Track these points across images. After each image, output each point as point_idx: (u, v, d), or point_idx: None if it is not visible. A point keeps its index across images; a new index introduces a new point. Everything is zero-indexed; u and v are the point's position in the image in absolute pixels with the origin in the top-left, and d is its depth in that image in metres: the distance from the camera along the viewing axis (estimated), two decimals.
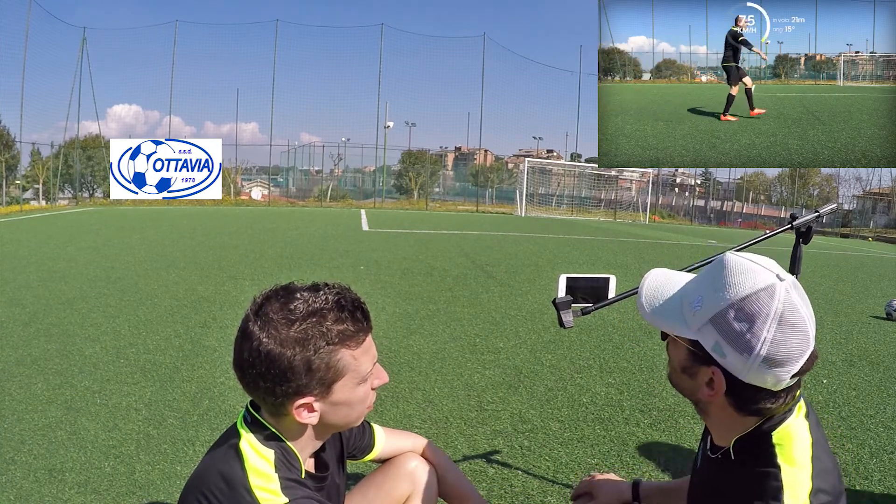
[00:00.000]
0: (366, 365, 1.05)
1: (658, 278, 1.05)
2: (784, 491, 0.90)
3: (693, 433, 2.75)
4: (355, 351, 1.03)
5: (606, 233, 17.05)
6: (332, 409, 1.05)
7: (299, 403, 1.01)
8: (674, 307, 0.99)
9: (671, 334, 0.99)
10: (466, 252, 9.64)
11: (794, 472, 0.92)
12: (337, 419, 1.07)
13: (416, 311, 5.11)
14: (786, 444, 0.95)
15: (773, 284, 0.89)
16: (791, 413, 0.98)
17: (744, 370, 0.90)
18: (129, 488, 2.13)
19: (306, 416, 1.03)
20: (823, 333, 4.72)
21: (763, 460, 0.95)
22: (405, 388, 3.24)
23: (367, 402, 1.09)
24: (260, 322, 0.99)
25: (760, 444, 0.96)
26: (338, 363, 1.01)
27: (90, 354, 3.64)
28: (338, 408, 1.05)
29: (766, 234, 1.76)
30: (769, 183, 41.32)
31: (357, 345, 1.03)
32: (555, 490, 2.22)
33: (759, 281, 0.89)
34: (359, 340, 1.04)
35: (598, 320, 4.86)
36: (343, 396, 1.04)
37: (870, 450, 2.66)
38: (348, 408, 1.06)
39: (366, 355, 1.05)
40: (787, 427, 0.96)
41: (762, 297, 0.88)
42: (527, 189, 28.99)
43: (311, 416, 1.04)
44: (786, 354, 0.88)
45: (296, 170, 38.88)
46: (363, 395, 1.07)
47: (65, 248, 8.81)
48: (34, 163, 26.64)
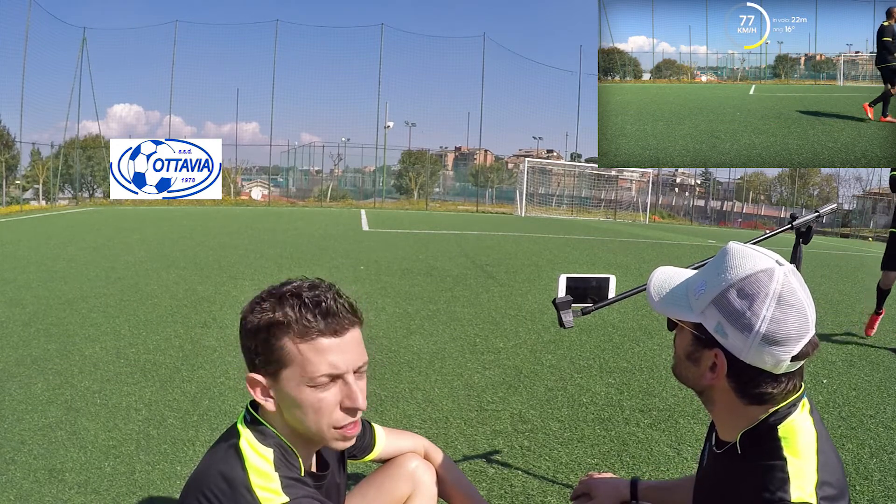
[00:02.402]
0: (315, 366, 1.01)
1: (666, 272, 1.11)
2: (790, 482, 0.91)
3: (693, 433, 2.75)
4: (301, 344, 1.01)
5: (606, 233, 17.05)
6: (284, 402, 1.05)
7: (251, 378, 1.05)
8: (680, 294, 1.04)
9: (677, 319, 1.03)
10: (466, 252, 9.64)
11: (799, 465, 0.93)
12: (293, 419, 1.05)
13: (416, 311, 5.11)
14: (791, 437, 0.96)
15: (772, 267, 0.94)
16: (796, 408, 1.00)
17: (744, 349, 0.93)
18: (129, 488, 2.13)
19: (260, 396, 1.06)
20: (823, 333, 4.72)
21: (769, 453, 0.96)
22: (405, 388, 3.24)
23: (325, 415, 1.03)
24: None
25: (766, 438, 0.98)
26: (280, 349, 1.02)
27: (90, 354, 3.64)
28: (288, 403, 1.04)
29: (766, 234, 1.76)
30: (769, 183, 41.36)
31: (303, 338, 1.01)
32: (555, 490, 2.22)
33: (759, 264, 0.94)
34: (307, 335, 1.01)
35: (598, 320, 4.86)
36: (290, 391, 1.03)
37: (870, 450, 2.66)
38: (300, 410, 1.03)
39: (316, 355, 1.02)
40: (792, 421, 0.98)
41: (762, 278, 0.93)
42: (527, 189, 28.98)
43: (267, 401, 1.06)
44: (784, 334, 0.91)
45: (296, 170, 38.90)
46: (315, 403, 1.02)
47: (65, 248, 8.81)
48: (34, 163, 26.64)
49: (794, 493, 0.90)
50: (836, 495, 0.93)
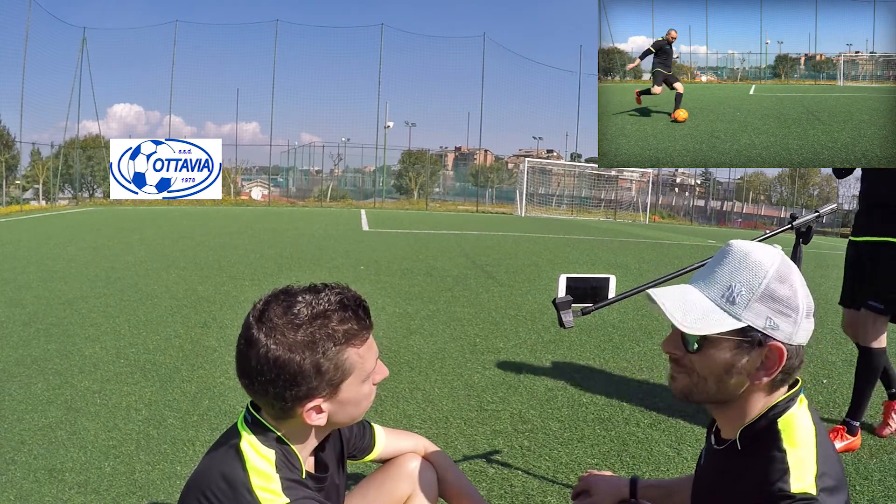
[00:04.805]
0: (370, 362, 1.07)
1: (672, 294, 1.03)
2: (791, 473, 0.92)
3: (693, 433, 2.75)
4: (360, 349, 1.05)
5: (606, 233, 17.05)
6: (339, 408, 1.06)
7: (309, 407, 1.02)
8: (710, 308, 0.99)
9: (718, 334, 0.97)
10: (466, 252, 9.64)
11: (799, 455, 0.94)
12: (343, 417, 1.08)
13: (416, 311, 5.11)
14: (790, 429, 0.98)
15: (778, 251, 1.02)
16: (794, 402, 1.01)
17: (794, 331, 0.97)
18: (129, 488, 2.13)
19: (315, 418, 1.04)
20: (823, 333, 4.72)
21: (768, 445, 0.97)
22: (405, 388, 3.24)
23: (371, 398, 1.11)
24: (265, 328, 0.98)
25: (766, 431, 0.99)
26: (345, 363, 1.02)
27: (90, 354, 3.64)
28: (345, 406, 1.06)
29: (766, 234, 1.76)
30: (769, 183, 41.35)
31: (362, 343, 1.05)
32: (555, 490, 2.22)
33: (772, 252, 1.01)
34: (363, 338, 1.05)
35: (598, 320, 4.86)
36: (350, 395, 1.05)
37: (870, 450, 2.66)
38: (354, 406, 1.08)
39: (369, 352, 1.07)
40: (791, 415, 0.99)
41: (781, 260, 1.00)
42: (527, 189, 28.98)
43: (319, 418, 1.04)
44: (810, 301, 0.99)
45: (296, 170, 38.88)
46: (368, 392, 1.09)
47: (65, 248, 8.81)
48: (34, 163, 26.64)
49: (794, 483, 0.91)
50: (836, 486, 0.93)
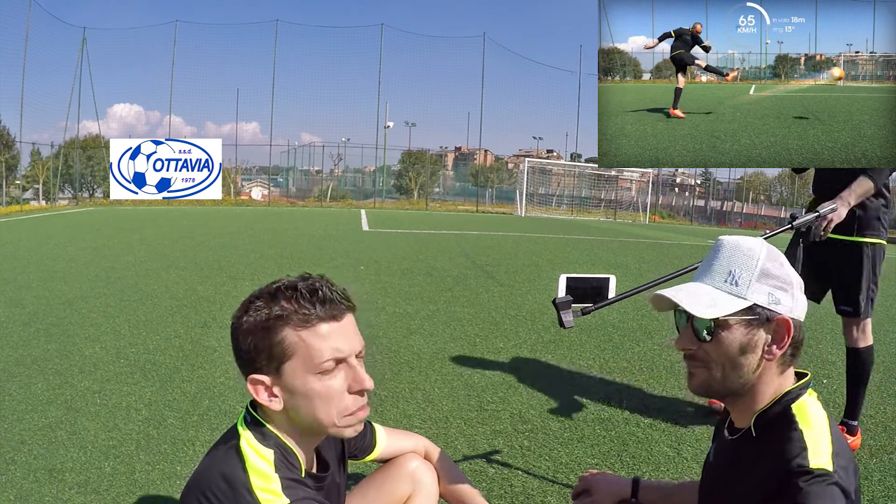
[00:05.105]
0: (320, 352, 1.02)
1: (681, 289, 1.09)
2: (808, 450, 0.95)
3: (693, 433, 2.75)
4: (302, 332, 1.02)
5: (606, 233, 17.04)
6: (291, 398, 1.04)
7: (253, 379, 1.04)
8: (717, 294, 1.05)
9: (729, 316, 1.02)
10: (466, 252, 9.64)
11: (815, 436, 0.97)
12: (302, 412, 1.05)
13: (416, 311, 5.11)
14: (804, 413, 1.01)
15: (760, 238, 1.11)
16: (805, 392, 1.05)
17: (793, 305, 1.04)
18: (129, 488, 2.13)
19: (265, 398, 1.04)
20: (823, 333, 4.71)
21: (784, 427, 1.00)
22: (405, 388, 3.24)
23: (335, 402, 1.04)
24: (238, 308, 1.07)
25: (780, 416, 1.03)
26: (282, 341, 1.01)
27: (90, 354, 3.64)
28: (297, 398, 1.04)
29: (766, 234, 1.76)
30: (769, 183, 41.32)
31: (303, 325, 1.02)
32: (555, 490, 2.22)
33: (757, 239, 1.09)
34: (307, 321, 1.02)
35: (598, 320, 4.85)
36: (296, 383, 1.03)
37: (870, 450, 2.66)
38: (308, 401, 1.03)
39: (320, 341, 1.02)
40: (803, 401, 1.04)
41: (770, 246, 1.07)
42: (527, 189, 28.96)
43: (272, 401, 1.04)
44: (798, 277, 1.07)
45: (296, 170, 38.89)
46: (324, 391, 1.03)
47: (65, 248, 8.81)
48: (34, 163, 26.66)
49: (812, 459, 0.93)
50: (848, 467, 0.96)
